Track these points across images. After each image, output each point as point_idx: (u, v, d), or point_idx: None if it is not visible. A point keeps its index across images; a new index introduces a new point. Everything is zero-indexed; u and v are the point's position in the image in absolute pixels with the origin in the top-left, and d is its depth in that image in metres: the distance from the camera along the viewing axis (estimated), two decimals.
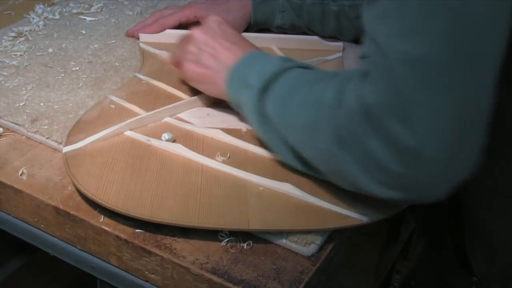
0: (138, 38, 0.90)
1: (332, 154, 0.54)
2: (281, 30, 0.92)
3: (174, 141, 0.67)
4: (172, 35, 0.88)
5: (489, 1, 0.47)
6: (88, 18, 0.98)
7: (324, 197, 0.60)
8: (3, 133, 0.71)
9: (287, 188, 0.61)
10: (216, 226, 0.57)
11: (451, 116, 0.48)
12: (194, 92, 0.75)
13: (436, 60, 0.48)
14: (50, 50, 0.87)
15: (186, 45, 0.72)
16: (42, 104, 0.74)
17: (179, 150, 0.66)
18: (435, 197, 0.52)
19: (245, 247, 0.58)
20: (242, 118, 0.70)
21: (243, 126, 0.71)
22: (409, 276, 1.34)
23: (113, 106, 0.73)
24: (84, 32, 0.93)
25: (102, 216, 0.60)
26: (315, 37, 0.91)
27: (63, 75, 0.81)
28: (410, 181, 0.50)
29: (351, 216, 0.59)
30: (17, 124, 0.71)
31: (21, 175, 0.64)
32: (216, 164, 0.64)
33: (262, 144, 0.66)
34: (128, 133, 0.68)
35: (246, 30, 0.91)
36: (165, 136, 0.67)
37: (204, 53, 0.70)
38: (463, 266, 0.71)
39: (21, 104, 0.74)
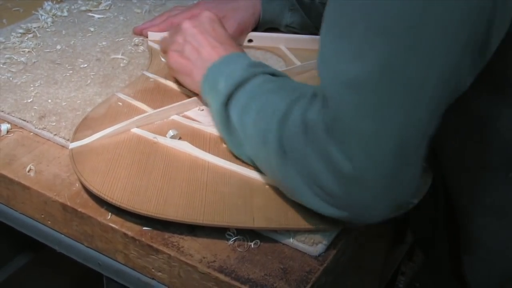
0: (146, 36, 0.90)
1: (278, 166, 0.54)
2: (290, 29, 0.92)
3: (180, 138, 0.67)
4: None
5: (437, 33, 0.46)
6: (96, 16, 0.98)
7: None
8: (11, 129, 0.71)
9: None
10: (221, 224, 0.57)
11: (390, 143, 0.48)
12: None
13: (374, 85, 0.47)
14: (58, 47, 0.87)
15: (174, 36, 0.73)
16: (50, 101, 0.75)
17: (186, 147, 0.66)
18: (376, 220, 0.52)
19: (252, 246, 0.57)
20: None
21: None
22: (413, 278, 1.33)
23: (120, 104, 0.73)
24: (92, 29, 0.93)
25: (110, 214, 0.60)
26: None
27: (71, 72, 0.81)
28: (350, 203, 0.50)
29: None
30: (25, 121, 0.71)
31: (28, 171, 0.65)
32: (222, 162, 0.64)
33: None
34: (135, 130, 0.68)
35: (255, 29, 0.91)
36: (170, 133, 0.67)
37: (189, 45, 0.71)
38: (458, 279, 0.70)
39: (29, 100, 0.74)
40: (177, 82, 0.76)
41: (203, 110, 0.73)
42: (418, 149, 0.50)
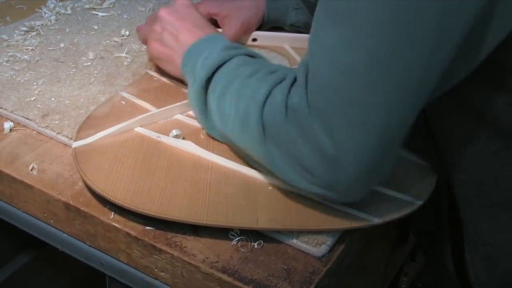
0: None
1: (261, 148, 0.56)
2: (295, 28, 0.91)
3: (183, 138, 0.67)
4: None
5: (427, 30, 0.47)
6: (100, 14, 0.98)
7: None
8: (14, 127, 0.71)
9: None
10: (224, 224, 0.57)
11: (373, 129, 0.50)
12: None
13: (363, 74, 0.49)
14: (62, 45, 0.87)
15: (152, 24, 0.75)
16: (53, 99, 0.74)
17: (189, 147, 0.66)
18: (354, 199, 0.57)
19: (255, 246, 0.57)
20: None
21: None
22: (416, 278, 1.33)
23: (123, 102, 0.73)
24: (96, 27, 0.93)
25: (112, 213, 0.59)
26: None
27: (74, 70, 0.81)
28: (330, 182, 0.53)
29: (361, 216, 0.58)
30: (28, 119, 0.71)
31: (31, 170, 0.64)
32: (225, 162, 0.64)
33: None
34: (138, 129, 0.68)
35: (259, 28, 0.91)
36: (173, 132, 0.67)
37: (167, 33, 0.72)
38: (461, 279, 0.70)
39: (32, 98, 0.74)
40: (159, 69, 0.78)
41: None
42: (398, 136, 0.52)
